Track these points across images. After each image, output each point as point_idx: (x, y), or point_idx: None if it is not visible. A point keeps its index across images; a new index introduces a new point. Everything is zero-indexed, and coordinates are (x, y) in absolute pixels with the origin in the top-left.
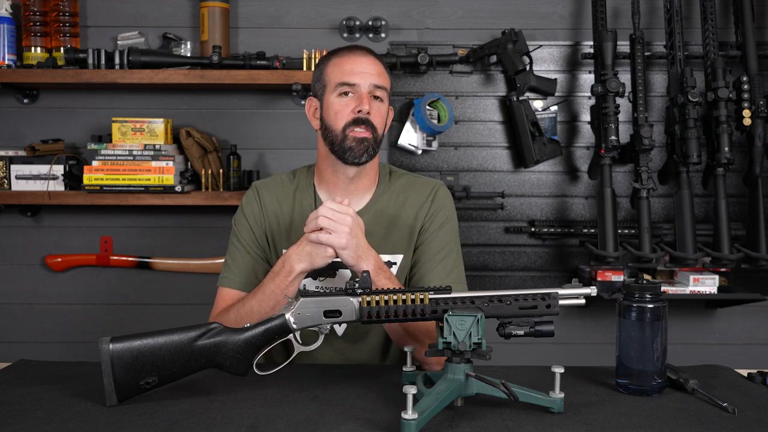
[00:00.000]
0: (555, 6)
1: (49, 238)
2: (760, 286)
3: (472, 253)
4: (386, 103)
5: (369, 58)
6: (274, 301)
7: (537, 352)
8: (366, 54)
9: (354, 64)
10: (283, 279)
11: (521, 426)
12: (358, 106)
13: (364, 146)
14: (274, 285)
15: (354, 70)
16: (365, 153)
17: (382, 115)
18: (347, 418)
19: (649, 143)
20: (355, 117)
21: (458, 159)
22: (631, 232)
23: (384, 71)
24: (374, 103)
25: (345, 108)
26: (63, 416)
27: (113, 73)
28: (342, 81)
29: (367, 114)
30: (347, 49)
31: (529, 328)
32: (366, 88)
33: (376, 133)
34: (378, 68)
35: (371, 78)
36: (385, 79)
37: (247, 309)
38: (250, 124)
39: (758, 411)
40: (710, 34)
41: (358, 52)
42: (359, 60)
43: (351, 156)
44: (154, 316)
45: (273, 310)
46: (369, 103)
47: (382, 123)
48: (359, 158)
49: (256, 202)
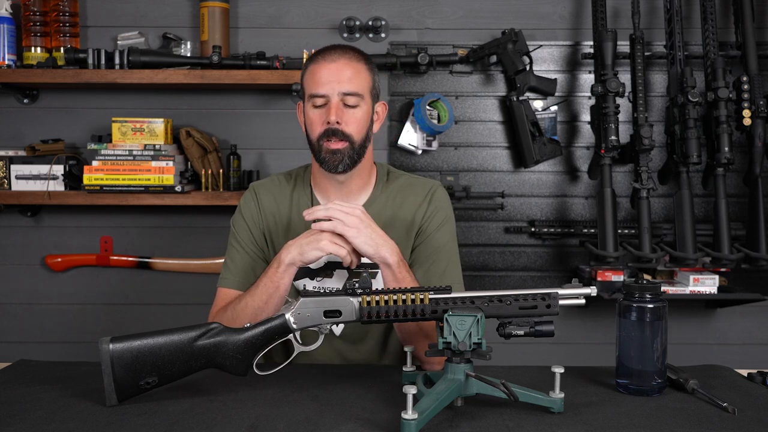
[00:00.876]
0: (555, 6)
1: (49, 238)
2: (760, 286)
3: (472, 253)
4: (364, 106)
5: (338, 63)
6: (267, 294)
7: (537, 352)
8: (337, 58)
9: (323, 73)
10: (274, 272)
11: (521, 426)
12: (326, 118)
13: (338, 157)
14: (266, 278)
15: (322, 80)
16: (340, 164)
17: (357, 120)
18: (347, 418)
19: (649, 143)
20: (325, 129)
21: (458, 159)
22: (631, 232)
23: (359, 74)
24: (346, 112)
25: (318, 119)
26: (63, 416)
27: (113, 73)
28: (311, 92)
29: (337, 124)
30: (321, 54)
31: (529, 328)
32: (335, 98)
33: (352, 140)
34: (349, 72)
35: (340, 86)
36: (358, 83)
37: (242, 305)
38: (250, 124)
39: (758, 411)
40: (710, 34)
41: (331, 56)
42: (328, 67)
43: (327, 167)
44: (154, 316)
45: (266, 305)
46: (337, 113)
47: (359, 128)
48: (335, 168)
49: (253, 203)
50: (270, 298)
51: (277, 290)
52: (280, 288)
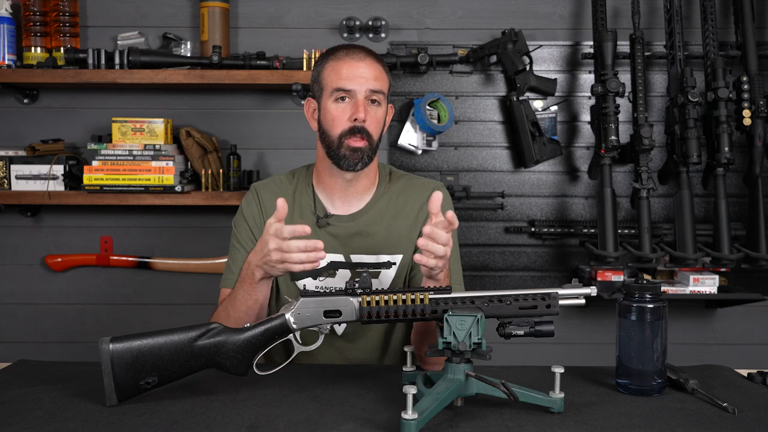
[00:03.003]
0: (555, 6)
1: (49, 238)
2: (760, 286)
3: (472, 253)
4: (384, 105)
5: (366, 62)
6: (246, 306)
7: (537, 352)
8: (363, 57)
9: (351, 69)
10: (249, 285)
11: (521, 426)
12: (354, 114)
13: (358, 155)
14: (243, 291)
15: (350, 75)
16: (360, 162)
17: (378, 120)
18: (347, 418)
19: (649, 143)
20: (351, 126)
21: (458, 159)
22: (631, 232)
23: (382, 73)
24: (371, 109)
25: (341, 114)
26: (63, 416)
27: (113, 73)
28: (338, 87)
29: (363, 122)
30: (344, 51)
31: (529, 328)
32: (362, 95)
33: (372, 139)
34: (375, 71)
35: (368, 83)
36: (382, 82)
37: (225, 314)
38: (250, 124)
39: (758, 411)
40: (710, 34)
41: (355, 55)
42: (356, 64)
43: (346, 164)
44: (154, 316)
45: (246, 315)
46: (365, 110)
47: (378, 128)
48: (354, 167)
49: (255, 203)
50: (249, 310)
51: (256, 302)
52: (258, 299)
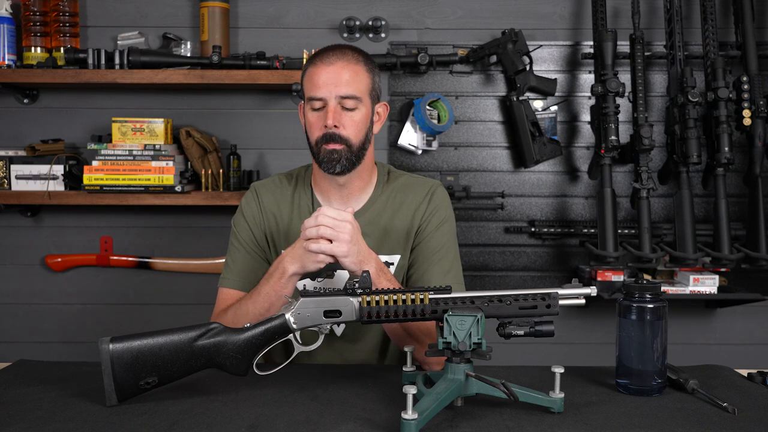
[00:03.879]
0: (555, 6)
1: (49, 238)
2: (760, 286)
3: (472, 253)
4: (363, 108)
5: (337, 66)
6: (269, 302)
7: (537, 352)
8: (335, 60)
9: (321, 75)
10: (277, 281)
11: (521, 426)
12: (324, 122)
13: (335, 157)
14: (269, 287)
15: (320, 83)
16: (338, 164)
17: (355, 123)
18: (347, 418)
19: (649, 143)
20: (324, 132)
21: (458, 159)
22: (631, 232)
23: (357, 76)
24: (344, 115)
25: (317, 122)
26: (63, 416)
27: (113, 73)
28: (310, 95)
29: (335, 128)
30: (319, 57)
31: (529, 328)
32: (332, 102)
33: (350, 143)
34: (347, 74)
35: (338, 89)
36: (356, 86)
37: (243, 311)
38: (250, 124)
39: (758, 411)
40: (710, 34)
41: (329, 58)
42: (326, 70)
43: (326, 167)
44: (154, 316)
45: (268, 312)
46: (335, 117)
47: (357, 131)
48: (333, 169)
49: (255, 203)
50: (272, 306)
51: (279, 299)
52: (282, 297)
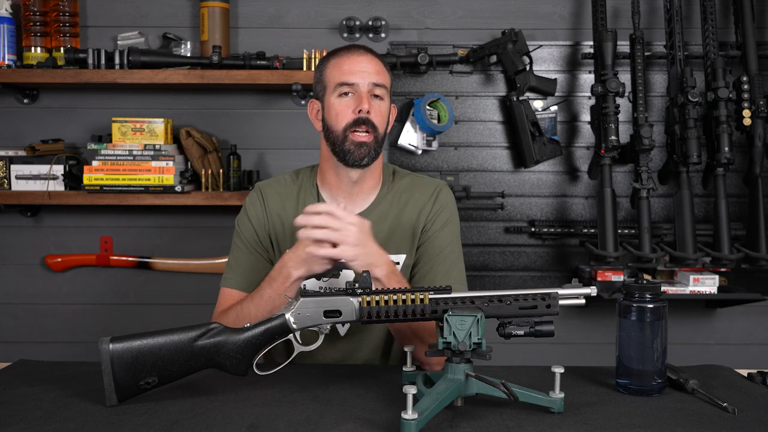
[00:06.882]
0: (555, 6)
1: (49, 238)
2: (760, 286)
3: (472, 253)
4: (387, 101)
5: (367, 57)
6: (272, 305)
7: (537, 352)
8: (364, 53)
9: (352, 64)
10: (281, 284)
11: (521, 426)
12: (358, 106)
13: (364, 150)
14: (272, 290)
15: (352, 70)
16: (366, 156)
17: (382, 113)
18: (347, 418)
19: (649, 143)
20: (356, 117)
21: (458, 159)
22: (631, 232)
23: (383, 69)
24: (374, 102)
25: (346, 109)
26: (63, 416)
27: (113, 73)
28: (341, 81)
29: (368, 113)
30: (345, 49)
31: (529, 328)
32: (365, 87)
33: (377, 132)
34: (377, 66)
35: (370, 76)
36: (384, 77)
37: (245, 313)
38: (250, 124)
39: (758, 411)
40: (710, 34)
41: (356, 51)
42: (357, 59)
43: (351, 159)
44: (154, 316)
45: (270, 314)
46: (369, 102)
47: (383, 121)
48: (359, 162)
49: (259, 203)
50: (275, 309)
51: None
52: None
